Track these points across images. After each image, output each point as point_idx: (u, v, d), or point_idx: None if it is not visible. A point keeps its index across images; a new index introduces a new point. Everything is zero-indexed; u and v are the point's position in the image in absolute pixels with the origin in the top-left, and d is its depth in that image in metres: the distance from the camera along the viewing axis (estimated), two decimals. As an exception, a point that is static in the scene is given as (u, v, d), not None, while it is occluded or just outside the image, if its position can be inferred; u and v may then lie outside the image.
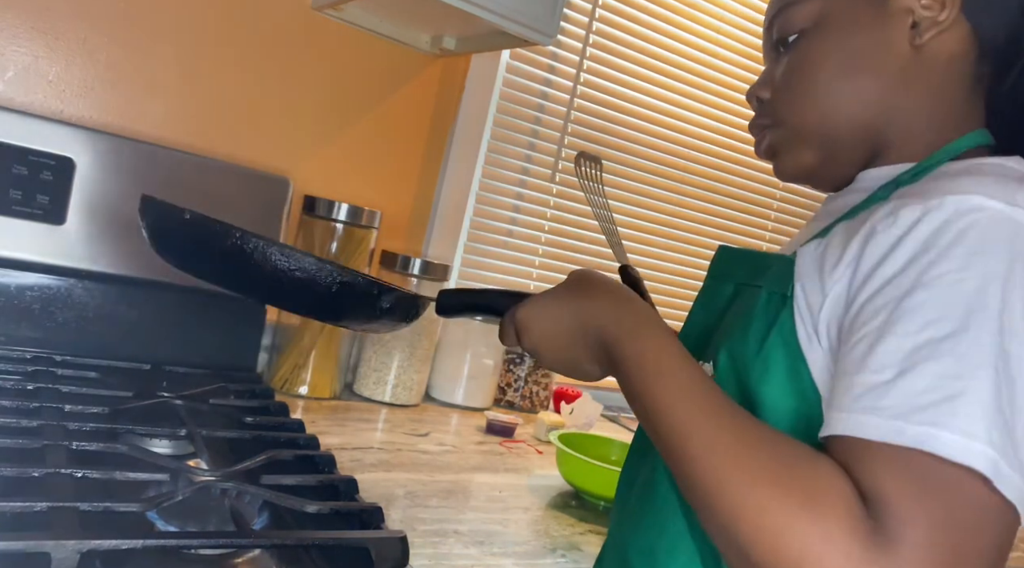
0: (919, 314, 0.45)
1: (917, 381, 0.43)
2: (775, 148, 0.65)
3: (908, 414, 0.43)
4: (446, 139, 1.37)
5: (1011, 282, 0.45)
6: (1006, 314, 0.44)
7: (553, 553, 0.84)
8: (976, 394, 0.42)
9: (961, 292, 0.45)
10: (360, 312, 0.70)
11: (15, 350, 0.99)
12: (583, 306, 0.60)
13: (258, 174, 1.15)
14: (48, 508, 0.61)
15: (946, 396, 0.42)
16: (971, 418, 0.42)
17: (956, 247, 0.45)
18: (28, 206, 0.97)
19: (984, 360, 0.43)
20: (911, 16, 0.58)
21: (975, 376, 0.42)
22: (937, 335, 0.44)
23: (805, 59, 0.62)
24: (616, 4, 1.55)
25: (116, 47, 1.09)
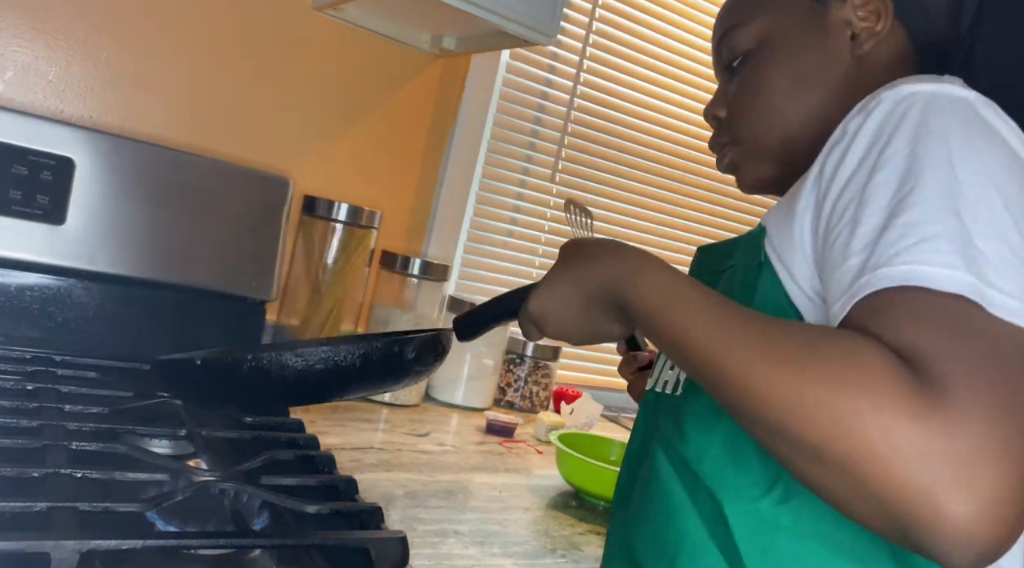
0: (884, 189, 0.47)
1: (894, 232, 0.45)
2: (736, 164, 0.68)
3: (890, 259, 0.44)
4: (446, 139, 1.38)
5: (953, 137, 0.47)
6: (958, 163, 0.46)
7: (553, 553, 0.84)
8: (946, 235, 0.43)
9: (915, 157, 0.47)
10: (393, 372, 0.71)
11: (15, 350, 0.99)
12: (581, 276, 0.61)
13: (258, 174, 1.15)
14: (48, 508, 0.60)
15: (921, 238, 0.44)
16: (945, 253, 0.43)
17: (901, 127, 0.48)
18: (28, 206, 0.97)
19: (949, 205, 0.44)
20: (849, 29, 0.61)
21: (943, 220, 0.44)
22: (902, 194, 0.46)
23: (753, 80, 0.64)
24: (616, 4, 1.55)
25: (116, 47, 1.09)
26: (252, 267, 1.13)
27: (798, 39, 0.62)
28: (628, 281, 0.56)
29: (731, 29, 0.66)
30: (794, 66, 0.62)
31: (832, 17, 0.61)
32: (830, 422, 0.40)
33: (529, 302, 0.65)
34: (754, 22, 0.64)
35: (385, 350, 0.68)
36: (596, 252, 0.61)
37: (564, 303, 0.62)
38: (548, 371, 1.46)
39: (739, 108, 0.66)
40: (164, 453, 0.81)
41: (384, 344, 0.68)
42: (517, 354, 1.43)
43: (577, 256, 0.63)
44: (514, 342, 1.43)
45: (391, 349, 0.69)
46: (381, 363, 0.68)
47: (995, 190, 0.46)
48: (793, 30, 0.62)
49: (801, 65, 0.62)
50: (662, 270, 0.55)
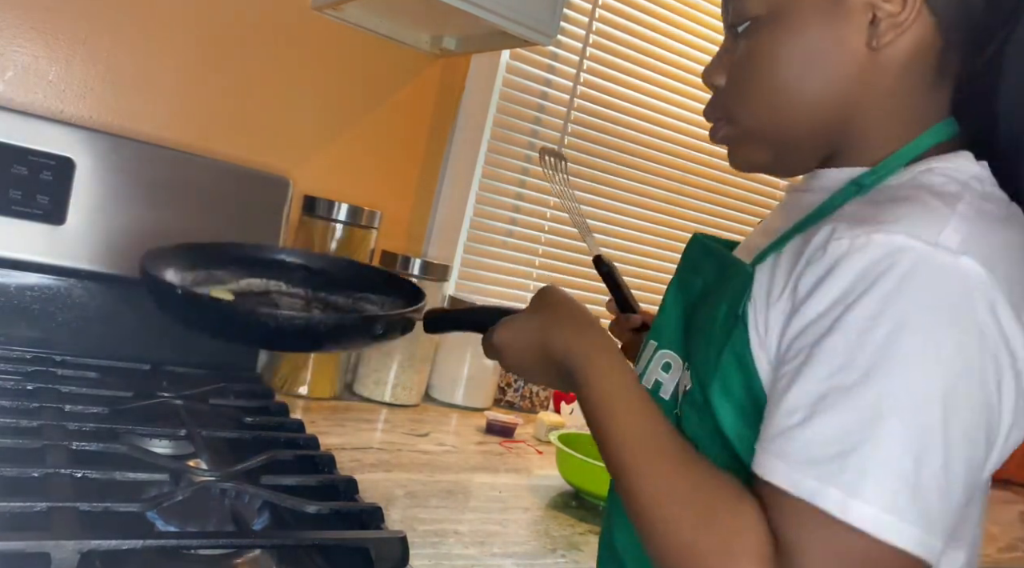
0: (830, 358, 0.46)
1: (818, 430, 0.45)
2: (728, 140, 0.63)
3: (806, 466, 0.45)
4: (446, 139, 1.37)
5: (917, 328, 0.44)
6: (912, 364, 0.44)
7: (553, 553, 0.84)
8: (870, 452, 0.43)
9: (870, 340, 0.45)
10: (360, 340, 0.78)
11: (15, 350, 0.99)
12: (547, 334, 0.64)
13: (258, 174, 1.15)
14: (48, 508, 0.61)
15: (840, 451, 0.44)
16: (860, 474, 0.43)
17: (872, 292, 0.45)
18: (28, 206, 0.97)
19: (880, 417, 0.44)
20: (871, 11, 0.54)
21: (869, 435, 0.44)
22: (843, 383, 0.45)
23: (757, 54, 0.58)
24: (616, 4, 1.55)
25: (116, 47, 1.09)
26: (252, 267, 1.13)
27: (813, 15, 0.56)
28: (584, 360, 0.60)
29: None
30: (803, 46, 0.56)
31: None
32: (691, 549, 0.47)
33: (496, 331, 0.68)
34: None
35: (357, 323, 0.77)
36: (567, 317, 0.64)
37: (524, 347, 0.66)
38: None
39: (738, 83, 0.60)
40: (164, 453, 0.81)
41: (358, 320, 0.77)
42: (517, 354, 1.43)
43: (551, 312, 0.65)
44: (514, 342, 1.43)
45: (363, 323, 0.77)
46: (352, 332, 0.76)
47: (939, 406, 0.44)
48: (808, 5, 0.56)
49: (810, 46, 0.56)
50: (615, 361, 0.59)
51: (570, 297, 0.66)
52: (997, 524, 1.37)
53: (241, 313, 0.75)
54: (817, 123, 0.57)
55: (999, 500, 1.55)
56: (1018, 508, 1.55)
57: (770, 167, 0.63)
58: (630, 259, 1.68)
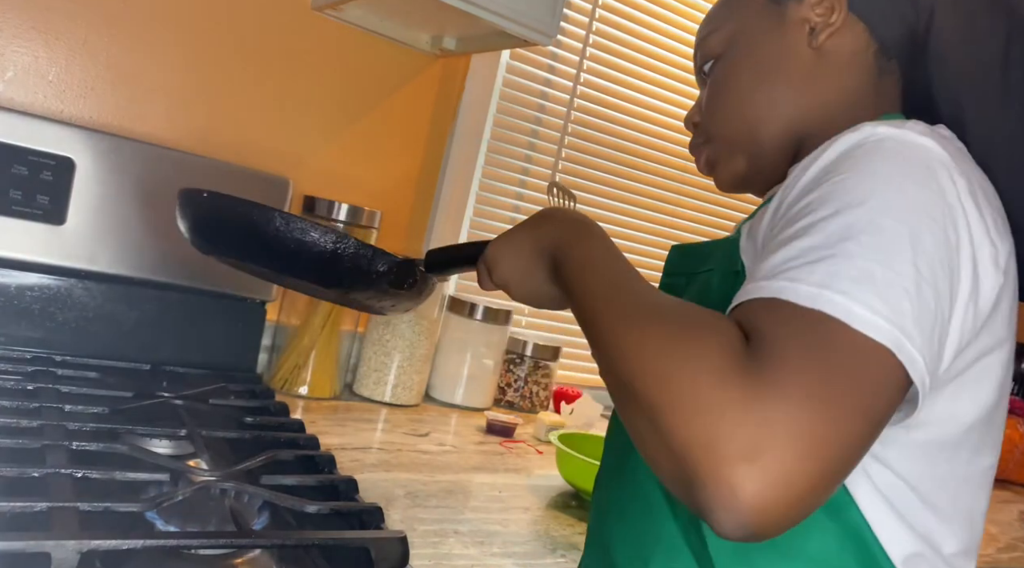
0: (804, 210, 0.49)
1: (790, 252, 0.46)
2: (711, 162, 0.70)
3: (775, 275, 0.46)
4: (446, 139, 1.38)
5: (885, 175, 0.48)
6: (876, 198, 0.47)
7: (553, 553, 0.84)
8: (840, 259, 0.44)
9: (840, 188, 0.48)
10: (359, 275, 0.73)
11: (15, 350, 0.99)
12: (539, 231, 0.65)
13: (258, 174, 1.15)
14: (48, 508, 0.61)
15: (811, 260, 0.45)
16: (830, 275, 0.44)
17: (844, 161, 0.50)
18: (28, 206, 0.97)
19: (846, 235, 0.45)
20: (807, 24, 0.64)
21: (834, 250, 0.45)
22: (816, 219, 0.47)
23: (722, 79, 0.68)
24: (616, 4, 1.55)
25: (116, 47, 1.09)
26: (252, 267, 1.13)
27: (760, 38, 0.66)
28: (568, 242, 0.61)
29: (703, 39, 0.70)
30: (757, 62, 0.66)
31: (791, 16, 0.64)
32: (658, 368, 0.44)
33: (490, 245, 0.69)
34: (722, 28, 0.68)
35: (357, 250, 0.72)
36: (559, 216, 0.66)
37: (515, 252, 0.66)
38: (548, 371, 1.46)
39: (710, 109, 0.69)
40: (164, 453, 0.81)
41: (357, 245, 0.72)
42: (517, 354, 1.43)
43: (544, 216, 0.67)
44: (514, 342, 1.43)
45: (363, 252, 0.72)
46: (350, 260, 0.72)
47: (906, 227, 0.46)
48: (755, 30, 0.66)
49: (763, 60, 0.65)
50: (602, 241, 0.60)
51: (566, 209, 0.68)
52: (997, 524, 1.37)
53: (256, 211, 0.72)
54: (781, 121, 0.65)
55: (999, 500, 1.55)
56: (1018, 508, 1.55)
57: (749, 177, 0.69)
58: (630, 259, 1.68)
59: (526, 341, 1.44)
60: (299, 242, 0.70)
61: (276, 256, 0.73)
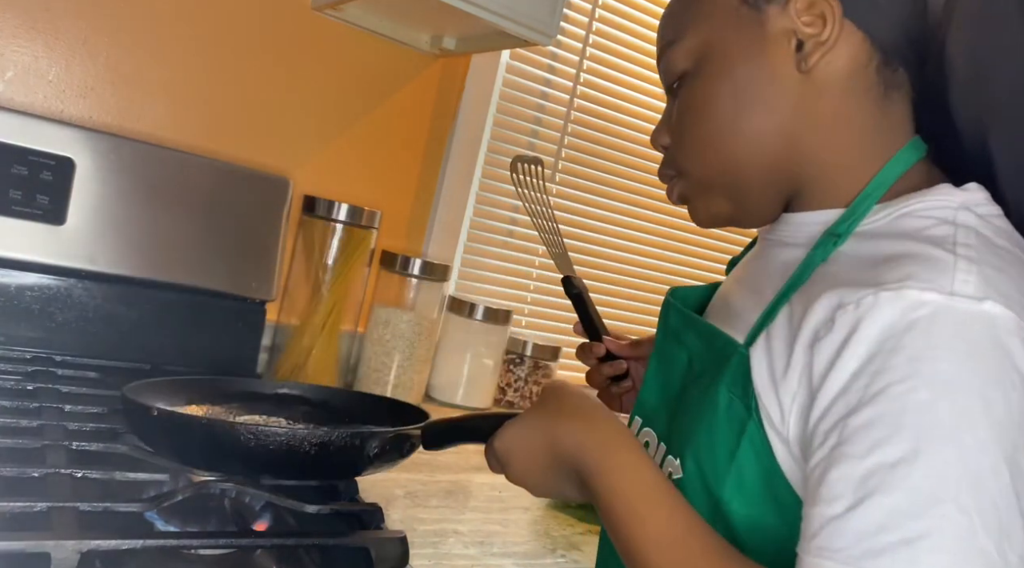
0: (866, 434, 0.41)
1: (869, 516, 0.39)
2: (685, 197, 0.61)
3: (861, 559, 0.39)
4: (446, 139, 1.37)
5: (959, 387, 0.40)
6: (961, 427, 0.40)
7: (553, 553, 0.84)
8: (938, 538, 0.38)
9: (908, 406, 0.40)
10: (352, 464, 0.69)
11: (15, 350, 0.99)
12: (554, 434, 0.57)
13: (258, 174, 1.15)
14: (48, 508, 0.61)
15: (903, 539, 0.38)
16: (936, 563, 0.37)
17: (899, 353, 0.41)
18: (28, 206, 0.97)
19: (944, 492, 0.38)
20: (793, 38, 0.52)
21: (934, 514, 0.38)
22: (887, 459, 0.40)
23: (692, 104, 0.57)
24: (616, 4, 1.55)
25: (116, 47, 1.09)
26: (252, 267, 1.13)
27: (737, 54, 0.54)
28: (599, 456, 0.53)
29: (667, 47, 0.59)
30: (734, 85, 0.54)
31: (772, 26, 0.53)
32: None
33: (497, 438, 0.61)
34: (688, 37, 0.57)
35: (346, 440, 0.67)
36: (576, 410, 0.57)
37: (530, 454, 0.59)
38: (548, 371, 1.46)
39: (680, 137, 0.59)
40: (164, 453, 0.81)
41: (346, 435, 0.67)
42: (517, 354, 1.43)
43: (557, 407, 0.58)
44: (514, 342, 1.43)
45: (352, 440, 0.67)
46: (339, 453, 0.67)
47: (1005, 463, 0.39)
48: (731, 45, 0.54)
49: (741, 84, 0.54)
50: (636, 456, 0.53)
51: (579, 389, 0.59)
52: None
53: (218, 428, 0.68)
54: (766, 160, 0.55)
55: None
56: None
57: (733, 217, 0.59)
58: (630, 259, 1.68)
59: (526, 341, 1.44)
60: (278, 452, 0.65)
61: (250, 467, 0.68)
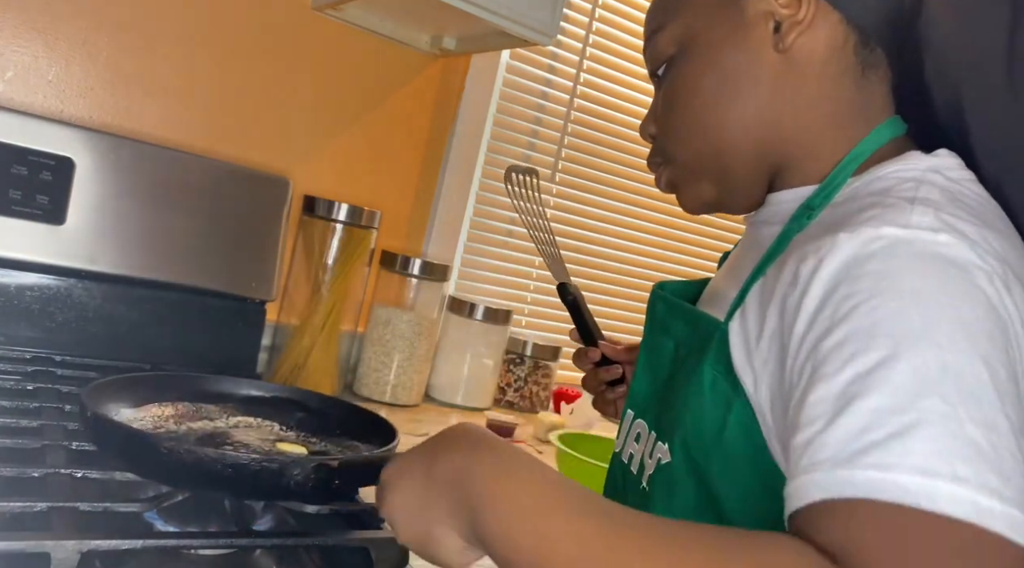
0: (839, 352, 0.40)
1: (852, 422, 0.38)
2: (672, 184, 0.62)
3: (853, 459, 0.37)
4: (446, 139, 1.37)
5: (927, 296, 0.40)
6: (934, 329, 0.39)
7: (553, 553, 0.83)
8: (928, 427, 0.36)
9: (878, 318, 0.40)
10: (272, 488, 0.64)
11: (15, 350, 0.99)
12: (438, 459, 0.49)
13: (258, 174, 1.15)
14: (48, 508, 0.61)
15: (891, 433, 0.36)
16: (928, 454, 0.36)
17: (861, 278, 0.42)
18: (28, 206, 0.97)
19: (925, 387, 0.37)
20: (771, 20, 0.54)
21: (919, 408, 0.37)
22: (863, 369, 0.39)
23: (676, 90, 0.58)
24: (616, 4, 1.55)
25: (116, 47, 1.09)
26: (252, 267, 1.13)
27: (718, 38, 0.56)
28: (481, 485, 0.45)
29: (652, 35, 0.60)
30: (716, 70, 0.56)
31: (751, 9, 0.54)
32: None
33: (383, 470, 0.55)
34: (672, 24, 0.58)
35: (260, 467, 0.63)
36: (460, 438, 0.49)
37: (409, 484, 0.51)
38: (548, 371, 1.46)
39: (666, 123, 0.60)
40: (164, 453, 0.81)
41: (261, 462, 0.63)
42: (517, 354, 1.43)
43: (448, 438, 0.51)
44: (514, 342, 1.43)
45: (267, 466, 0.63)
46: (256, 477, 0.63)
47: (982, 364, 0.38)
48: (711, 30, 0.56)
49: (721, 67, 0.55)
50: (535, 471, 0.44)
51: (477, 427, 0.51)
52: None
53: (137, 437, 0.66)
54: (749, 141, 0.56)
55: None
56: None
57: (719, 202, 0.60)
58: (630, 259, 1.68)
59: (526, 341, 1.44)
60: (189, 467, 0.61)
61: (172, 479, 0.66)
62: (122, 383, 0.78)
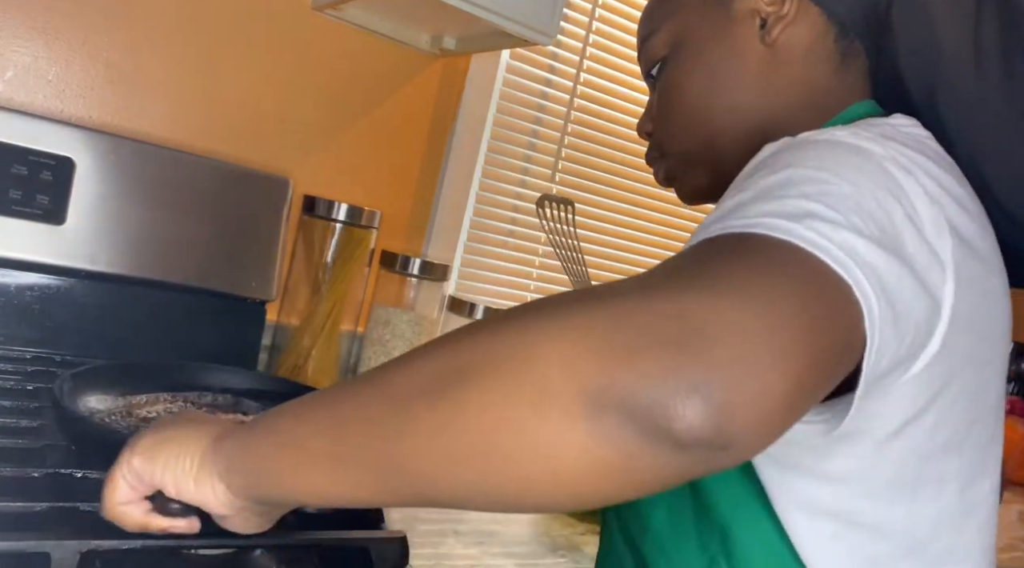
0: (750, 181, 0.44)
1: (716, 213, 0.43)
2: (670, 176, 0.66)
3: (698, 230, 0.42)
4: (446, 139, 1.38)
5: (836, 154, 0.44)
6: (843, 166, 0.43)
7: (553, 553, 0.84)
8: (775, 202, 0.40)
9: (777, 162, 0.44)
10: None
11: (15, 350, 0.99)
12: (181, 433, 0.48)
13: (258, 174, 1.15)
14: (48, 508, 0.61)
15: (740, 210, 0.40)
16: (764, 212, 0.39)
17: (776, 156, 0.46)
18: (28, 206, 0.97)
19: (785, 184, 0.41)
20: (757, 17, 0.58)
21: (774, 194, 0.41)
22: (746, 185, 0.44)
23: (670, 87, 0.62)
24: (616, 4, 1.55)
25: (116, 47, 1.09)
26: (252, 267, 1.13)
27: (707, 37, 0.60)
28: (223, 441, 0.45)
29: (646, 39, 0.64)
30: (705, 64, 0.60)
31: (737, 8, 0.59)
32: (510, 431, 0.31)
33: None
34: (664, 27, 0.62)
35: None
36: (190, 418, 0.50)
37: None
38: (548, 371, 1.46)
39: (662, 119, 0.64)
40: (164, 453, 0.81)
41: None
42: (517, 354, 1.43)
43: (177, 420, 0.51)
44: (514, 342, 1.42)
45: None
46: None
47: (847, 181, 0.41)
48: (701, 29, 0.60)
49: (712, 62, 0.60)
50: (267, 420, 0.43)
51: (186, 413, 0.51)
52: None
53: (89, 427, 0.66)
54: (739, 130, 0.59)
55: (999, 500, 1.55)
56: (1018, 508, 1.55)
57: (715, 190, 0.63)
58: (630, 259, 1.68)
59: (526, 341, 1.43)
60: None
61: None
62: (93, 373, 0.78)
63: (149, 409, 0.80)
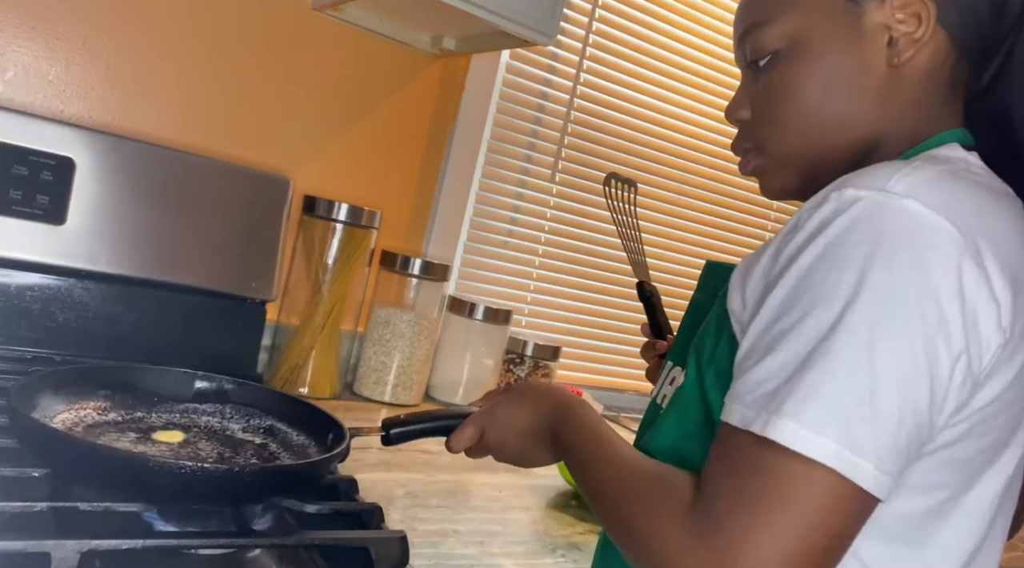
0: (772, 306, 0.48)
1: (761, 371, 0.47)
2: (760, 170, 0.65)
3: (749, 402, 0.46)
4: (446, 139, 1.38)
5: (872, 266, 0.45)
6: (859, 300, 0.45)
7: (553, 553, 0.84)
8: (797, 381, 0.45)
9: (810, 282, 0.46)
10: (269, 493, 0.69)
11: (15, 350, 0.99)
12: (537, 414, 0.69)
13: (258, 174, 1.15)
14: (48, 508, 0.61)
15: (776, 387, 0.45)
16: (797, 403, 0.44)
17: (817, 240, 0.47)
18: (28, 206, 0.97)
19: (822, 348, 0.44)
20: (887, 33, 0.57)
21: (801, 364, 0.45)
22: (784, 327, 0.47)
23: (782, 85, 0.60)
24: (616, 4, 1.55)
25: (116, 47, 1.09)
26: (252, 267, 1.13)
27: (832, 43, 0.58)
28: (561, 419, 0.66)
29: (756, 25, 0.61)
30: (826, 72, 0.58)
31: (868, 20, 0.57)
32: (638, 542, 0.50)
33: (479, 414, 0.73)
34: (783, 20, 0.59)
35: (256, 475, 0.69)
36: (544, 395, 0.71)
37: (519, 436, 0.70)
38: (548, 371, 1.46)
39: (765, 112, 0.62)
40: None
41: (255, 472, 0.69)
42: (517, 354, 1.43)
43: (534, 396, 0.71)
44: (514, 342, 1.43)
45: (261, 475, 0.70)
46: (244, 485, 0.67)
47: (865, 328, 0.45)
48: (827, 32, 0.58)
49: (833, 71, 0.58)
50: (585, 411, 0.66)
51: (542, 383, 0.73)
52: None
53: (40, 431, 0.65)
54: (846, 143, 0.59)
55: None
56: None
57: (803, 192, 0.62)
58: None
59: (526, 341, 1.44)
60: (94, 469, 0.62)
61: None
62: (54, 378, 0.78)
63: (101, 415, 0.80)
